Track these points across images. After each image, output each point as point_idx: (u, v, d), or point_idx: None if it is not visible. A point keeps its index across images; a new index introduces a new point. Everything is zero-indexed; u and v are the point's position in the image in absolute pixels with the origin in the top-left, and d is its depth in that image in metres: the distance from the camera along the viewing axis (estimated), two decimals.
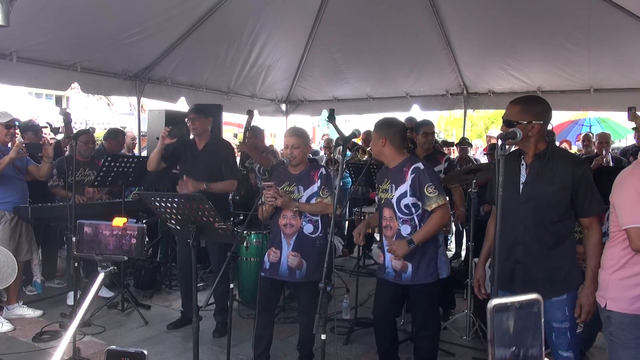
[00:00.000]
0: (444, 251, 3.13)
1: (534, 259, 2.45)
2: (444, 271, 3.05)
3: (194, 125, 4.15)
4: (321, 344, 2.46)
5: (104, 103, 22.11)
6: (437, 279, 3.02)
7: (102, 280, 2.05)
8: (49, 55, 5.49)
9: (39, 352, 3.77)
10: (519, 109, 2.43)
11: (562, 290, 2.44)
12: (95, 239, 2.16)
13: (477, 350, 3.94)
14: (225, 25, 6.28)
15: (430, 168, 3.05)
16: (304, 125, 10.78)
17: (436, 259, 3.02)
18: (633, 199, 2.18)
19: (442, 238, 3.12)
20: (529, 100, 2.57)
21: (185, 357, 3.75)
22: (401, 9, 6.44)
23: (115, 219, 2.15)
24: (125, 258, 2.19)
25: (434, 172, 3.03)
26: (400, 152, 3.10)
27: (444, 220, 2.94)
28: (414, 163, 3.00)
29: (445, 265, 3.07)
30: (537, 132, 2.41)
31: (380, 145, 3.07)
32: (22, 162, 4.47)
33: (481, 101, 7.79)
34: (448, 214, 2.97)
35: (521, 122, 2.39)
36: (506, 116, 2.47)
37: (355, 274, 4.88)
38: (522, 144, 2.46)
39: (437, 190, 2.91)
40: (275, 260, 3.35)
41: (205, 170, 4.12)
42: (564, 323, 2.45)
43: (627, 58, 6.00)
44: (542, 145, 2.46)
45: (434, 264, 3.01)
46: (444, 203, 2.92)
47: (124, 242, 2.14)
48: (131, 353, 1.90)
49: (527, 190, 2.46)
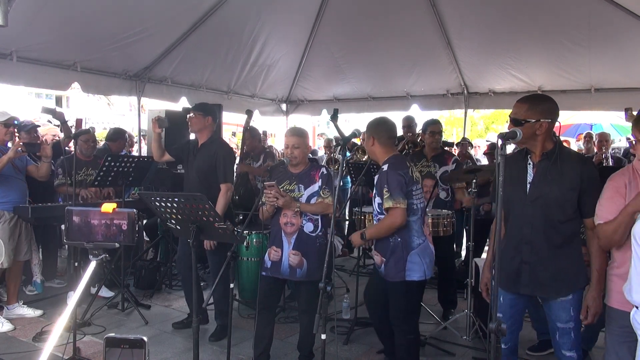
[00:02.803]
0: (421, 254, 3.02)
1: (541, 259, 2.44)
2: (414, 274, 2.99)
3: (190, 122, 4.13)
4: (321, 344, 2.46)
5: (104, 103, 22.13)
6: (404, 279, 2.98)
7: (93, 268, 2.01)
8: (49, 55, 5.49)
9: (39, 352, 3.76)
10: (527, 107, 2.42)
11: (567, 291, 2.43)
12: (85, 226, 2.12)
13: (477, 350, 3.94)
14: (225, 24, 6.28)
15: (395, 170, 2.97)
16: (304, 125, 10.77)
17: (404, 260, 2.99)
18: (610, 197, 2.24)
19: (418, 241, 3.01)
20: (536, 98, 2.56)
21: (185, 357, 3.75)
22: (401, 8, 6.44)
23: (104, 205, 2.11)
24: (117, 245, 2.15)
25: (394, 175, 2.95)
26: (387, 151, 3.12)
27: (392, 223, 2.94)
28: (385, 164, 3.04)
29: (418, 268, 2.99)
30: (545, 130, 2.40)
31: (370, 144, 3.15)
32: (22, 162, 4.46)
33: (481, 101, 7.79)
34: (400, 219, 2.92)
35: (529, 120, 2.38)
36: (513, 115, 2.45)
37: (355, 274, 4.87)
38: (530, 143, 2.45)
39: (390, 192, 2.92)
40: (276, 259, 3.35)
41: (198, 170, 4.08)
42: (569, 323, 2.44)
43: (628, 58, 6.00)
44: (550, 144, 2.44)
45: (402, 264, 2.99)
46: (395, 207, 2.90)
47: (114, 228, 2.10)
48: (131, 340, 1.87)
49: (534, 189, 2.44)
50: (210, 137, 4.14)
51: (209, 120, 4.12)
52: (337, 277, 5.64)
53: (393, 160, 3.06)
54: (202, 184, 4.02)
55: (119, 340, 1.87)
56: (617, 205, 2.20)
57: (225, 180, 4.03)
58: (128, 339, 1.86)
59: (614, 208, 2.21)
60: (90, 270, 1.97)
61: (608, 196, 2.26)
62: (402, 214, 2.92)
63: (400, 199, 2.91)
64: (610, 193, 2.26)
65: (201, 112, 4.12)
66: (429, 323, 4.36)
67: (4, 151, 4.24)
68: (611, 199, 2.24)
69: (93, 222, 2.11)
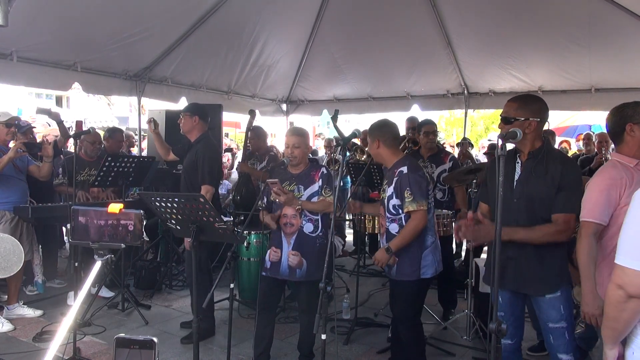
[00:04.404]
0: (433, 251, 3.10)
1: (526, 255, 2.46)
2: (428, 271, 3.06)
3: (181, 123, 4.14)
4: (321, 344, 2.46)
5: (104, 103, 22.12)
6: (419, 278, 3.04)
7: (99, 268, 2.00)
8: (49, 55, 5.49)
9: (39, 352, 3.76)
10: (517, 106, 2.49)
11: (554, 287, 2.44)
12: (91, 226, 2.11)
13: (477, 350, 3.94)
14: (225, 25, 6.28)
15: (415, 172, 3.03)
16: (305, 125, 10.78)
17: (419, 258, 3.04)
18: (593, 194, 2.31)
19: (432, 239, 3.10)
20: (526, 98, 2.62)
21: (185, 357, 3.75)
22: (402, 8, 6.44)
23: (111, 206, 2.10)
24: (123, 246, 2.14)
25: (416, 177, 3.01)
26: (394, 152, 3.16)
27: (417, 226, 2.97)
28: (402, 166, 3.06)
29: (431, 265, 3.07)
30: (533, 129, 2.46)
31: (375, 147, 3.16)
32: (23, 162, 4.47)
33: (482, 101, 7.79)
34: (423, 221, 2.97)
35: (518, 118, 2.44)
36: (504, 113, 2.52)
37: (356, 274, 4.88)
38: (519, 142, 2.47)
39: (413, 195, 2.94)
40: (276, 260, 3.35)
41: (184, 170, 4.07)
42: (561, 323, 2.44)
43: (628, 58, 5.99)
44: (538, 143, 2.50)
45: (417, 263, 3.03)
46: (418, 210, 2.94)
47: (121, 229, 2.09)
48: (140, 341, 1.87)
49: (520, 187, 2.49)
50: (198, 137, 4.11)
51: (196, 120, 4.08)
52: (337, 277, 5.64)
53: (409, 161, 3.11)
54: (186, 184, 4.02)
55: (128, 340, 1.87)
56: (612, 200, 2.26)
57: (204, 182, 3.92)
58: (138, 339, 1.86)
59: (603, 201, 2.27)
60: (96, 270, 1.97)
61: (592, 195, 2.32)
62: (425, 216, 2.98)
63: (422, 201, 2.95)
64: (594, 191, 2.32)
65: (189, 112, 4.12)
66: (429, 323, 4.35)
67: (6, 152, 4.24)
68: (594, 198, 2.30)
69: (99, 223, 2.10)
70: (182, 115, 4.13)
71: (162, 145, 4.42)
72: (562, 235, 2.40)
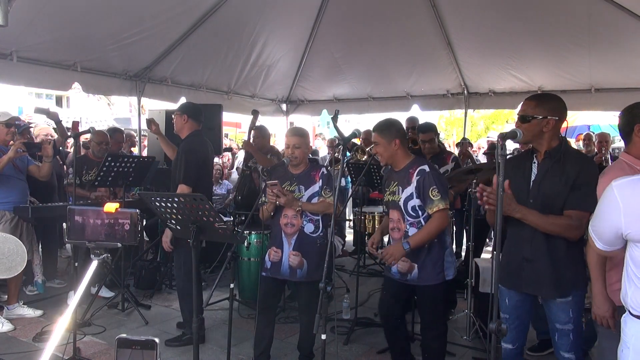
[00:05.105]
0: (451, 252, 3.12)
1: (542, 257, 2.44)
2: (450, 272, 3.03)
3: (174, 123, 4.14)
4: (321, 344, 2.46)
5: (104, 103, 22.13)
6: (443, 280, 3.00)
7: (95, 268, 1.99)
8: (49, 55, 5.49)
9: (39, 352, 3.76)
10: (535, 104, 2.44)
11: (567, 292, 2.42)
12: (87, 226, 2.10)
13: (477, 350, 3.94)
14: (225, 25, 6.28)
15: (436, 170, 3.02)
16: (305, 125, 10.77)
17: (442, 260, 3.00)
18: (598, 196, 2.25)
19: (449, 239, 3.10)
20: (544, 96, 2.60)
21: (185, 357, 3.75)
22: (402, 9, 6.44)
23: (107, 205, 2.09)
24: (119, 245, 2.14)
25: (439, 175, 3.00)
26: (407, 153, 3.11)
27: (442, 225, 2.92)
28: (420, 165, 2.98)
29: (452, 266, 3.05)
30: (551, 127, 2.41)
31: (394, 147, 3.02)
32: (23, 162, 4.47)
33: (482, 101, 7.79)
34: (447, 219, 2.95)
35: (536, 117, 2.39)
36: (522, 112, 2.46)
37: (356, 274, 4.87)
38: (536, 141, 2.45)
39: (440, 193, 2.88)
40: (276, 260, 3.35)
41: (171, 170, 4.05)
42: (567, 325, 2.44)
43: (628, 58, 6.00)
44: (555, 142, 2.45)
45: (440, 264, 2.99)
46: (444, 207, 2.90)
47: (117, 228, 2.08)
48: (142, 341, 1.87)
49: (536, 187, 2.45)
50: (186, 136, 4.07)
51: (185, 119, 4.04)
52: (337, 277, 5.64)
53: (425, 161, 3.07)
54: (172, 183, 3.98)
55: (130, 341, 1.87)
56: None
57: (180, 180, 3.81)
58: (139, 340, 1.86)
59: None
60: (92, 269, 1.96)
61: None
62: (447, 215, 2.94)
63: (447, 199, 2.92)
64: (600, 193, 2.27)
65: (179, 111, 4.11)
66: None
67: (6, 152, 4.24)
68: None
69: (96, 222, 2.09)
70: (174, 115, 4.14)
71: (167, 145, 4.42)
72: (572, 231, 2.34)
